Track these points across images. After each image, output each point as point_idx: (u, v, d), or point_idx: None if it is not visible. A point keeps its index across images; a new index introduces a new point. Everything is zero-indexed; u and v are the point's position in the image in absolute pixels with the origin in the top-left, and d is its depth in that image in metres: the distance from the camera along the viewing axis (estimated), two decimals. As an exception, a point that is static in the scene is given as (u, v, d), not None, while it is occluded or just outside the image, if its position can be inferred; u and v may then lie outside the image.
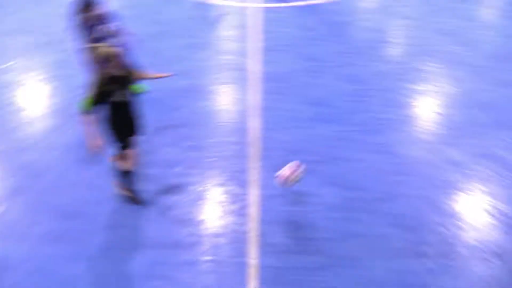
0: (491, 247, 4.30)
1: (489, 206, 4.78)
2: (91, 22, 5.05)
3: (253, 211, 4.68)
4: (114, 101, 3.97)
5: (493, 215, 4.67)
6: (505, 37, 9.01)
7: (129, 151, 4.34)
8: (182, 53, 7.65)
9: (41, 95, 6.57)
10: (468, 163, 5.37)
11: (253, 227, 4.49)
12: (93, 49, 3.83)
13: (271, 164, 5.24)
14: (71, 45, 7.58)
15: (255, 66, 7.31)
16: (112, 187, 4.79)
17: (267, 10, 9.71)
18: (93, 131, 3.99)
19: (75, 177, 5.09)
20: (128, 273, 4.07)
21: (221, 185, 5.02)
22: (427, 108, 6.54)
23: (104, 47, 3.89)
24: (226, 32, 8.57)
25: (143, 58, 7.28)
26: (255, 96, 6.50)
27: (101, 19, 5.16)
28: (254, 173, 5.15)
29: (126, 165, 4.41)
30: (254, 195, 4.87)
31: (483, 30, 9.18)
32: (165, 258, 4.20)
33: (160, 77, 4.71)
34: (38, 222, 4.55)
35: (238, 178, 5.07)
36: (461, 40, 8.56)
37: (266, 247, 4.27)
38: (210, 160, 5.35)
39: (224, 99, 6.53)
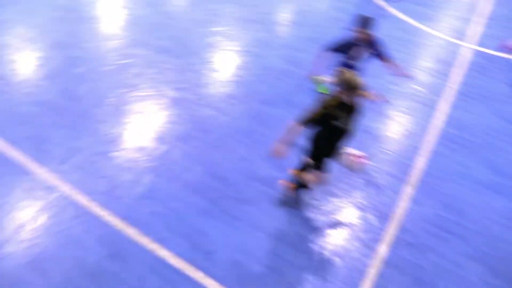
0: None
1: None
2: (360, 40, 4.95)
3: (382, 249, 4.40)
4: (333, 125, 3.81)
5: None
6: None
7: (318, 173, 4.24)
8: (376, 70, 7.49)
9: (232, 63, 7.15)
10: None
11: (375, 264, 4.23)
12: (341, 71, 3.66)
13: (420, 211, 4.85)
14: (275, 28, 8.07)
15: (442, 106, 6.78)
16: (265, 169, 5.00)
17: (478, 53, 8.87)
18: (288, 140, 3.87)
19: (236, 145, 5.44)
20: (243, 249, 4.25)
21: (362, 209, 4.83)
22: None
23: (352, 74, 3.64)
24: (427, 63, 8.10)
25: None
26: (430, 137, 6.04)
27: (370, 42, 5.04)
28: (398, 212, 4.83)
29: (308, 181, 4.36)
30: (389, 234, 4.56)
31: None
32: (280, 251, 4.26)
33: (375, 99, 4.38)
34: (190, 171, 5.01)
35: (380, 211, 4.81)
36: None
37: (381, 291, 4.00)
38: (361, 181, 5.17)
39: (398, 128, 6.21)
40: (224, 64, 7.08)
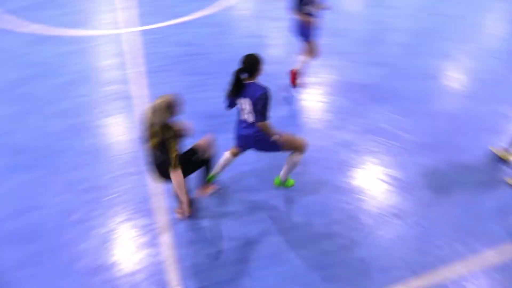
0: (390, 210, 4.73)
1: (382, 175, 5.22)
2: None
3: (165, 238, 4.51)
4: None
5: (386, 182, 5.11)
6: (371, 23, 9.96)
7: None
8: (58, 93, 7.18)
9: None
10: (356, 141, 5.80)
11: (169, 254, 4.33)
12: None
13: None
14: None
15: (139, 91, 7.13)
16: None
17: (143, 33, 9.56)
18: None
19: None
20: None
21: (127, 220, 4.74)
22: (312, 98, 6.93)
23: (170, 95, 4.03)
24: (105, 62, 8.23)
25: (15, 105, 6.76)
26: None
27: None
28: (157, 200, 4.98)
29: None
30: (163, 221, 4.70)
31: (352, 20, 10.01)
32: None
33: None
34: None
35: (143, 209, 4.85)
36: (333, 32, 9.25)
37: (186, 270, 4.15)
38: (110, 197, 5.04)
39: (114, 131, 6.23)
40: None
